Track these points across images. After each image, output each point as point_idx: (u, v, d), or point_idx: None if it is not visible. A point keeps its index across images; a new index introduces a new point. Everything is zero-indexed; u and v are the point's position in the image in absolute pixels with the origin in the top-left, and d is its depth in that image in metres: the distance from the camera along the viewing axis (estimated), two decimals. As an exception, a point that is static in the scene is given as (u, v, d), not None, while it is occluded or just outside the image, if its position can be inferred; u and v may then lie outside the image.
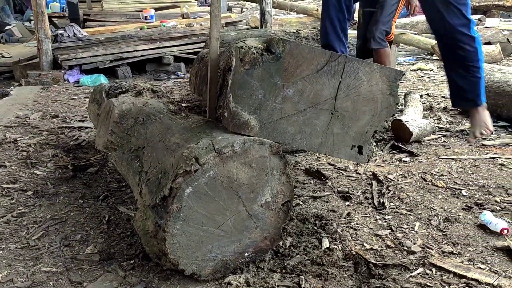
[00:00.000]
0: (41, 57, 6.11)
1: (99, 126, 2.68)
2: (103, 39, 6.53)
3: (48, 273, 1.90)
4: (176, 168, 1.71)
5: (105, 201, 2.57)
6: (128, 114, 2.40)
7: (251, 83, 1.81)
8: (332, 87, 1.90)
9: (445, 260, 1.91)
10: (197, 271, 1.79)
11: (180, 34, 6.94)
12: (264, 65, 1.80)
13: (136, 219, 1.82)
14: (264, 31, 5.27)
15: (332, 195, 2.56)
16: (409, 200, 2.49)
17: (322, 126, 1.95)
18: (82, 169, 3.01)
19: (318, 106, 1.91)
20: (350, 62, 1.88)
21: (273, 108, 1.87)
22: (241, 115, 1.84)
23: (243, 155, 1.77)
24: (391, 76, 1.95)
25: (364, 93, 1.94)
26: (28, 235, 2.21)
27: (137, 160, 2.12)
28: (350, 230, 2.20)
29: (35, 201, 2.57)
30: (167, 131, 2.12)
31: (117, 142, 2.33)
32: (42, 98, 5.13)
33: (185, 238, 1.72)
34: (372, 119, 1.99)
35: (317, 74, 1.87)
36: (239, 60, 1.82)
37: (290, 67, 1.83)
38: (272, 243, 1.95)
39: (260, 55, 1.80)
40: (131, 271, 1.90)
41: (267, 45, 1.85)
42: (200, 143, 1.76)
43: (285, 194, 1.93)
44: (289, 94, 1.87)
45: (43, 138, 3.65)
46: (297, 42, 1.82)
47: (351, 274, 1.87)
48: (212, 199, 1.75)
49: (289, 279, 1.83)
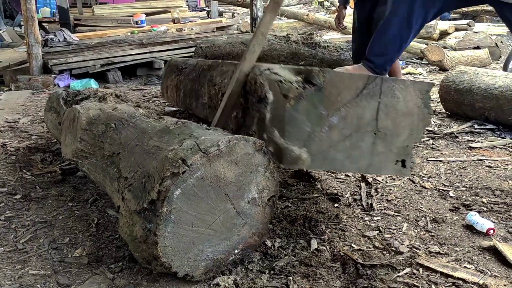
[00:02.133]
0: (31, 61, 6.10)
1: (63, 134, 2.64)
2: (93, 43, 6.53)
3: (36, 276, 1.89)
4: (162, 171, 1.70)
5: (94, 204, 2.57)
6: (98, 120, 2.37)
7: (298, 118, 1.82)
8: (372, 109, 1.93)
9: (432, 260, 1.93)
10: (190, 272, 1.79)
11: (171, 39, 6.96)
12: (308, 98, 1.81)
13: (121, 225, 1.81)
14: (255, 36, 5.30)
15: (321, 197, 2.57)
16: (397, 201, 2.51)
17: (367, 148, 1.97)
18: (71, 173, 3.00)
19: (362, 129, 1.93)
20: (386, 82, 1.92)
21: (320, 138, 1.87)
22: (292, 150, 1.85)
23: (228, 154, 1.78)
24: (423, 89, 2.00)
25: (401, 110, 1.98)
26: (16, 238, 2.20)
27: (113, 166, 2.10)
28: (339, 231, 2.21)
29: (24, 204, 2.56)
30: (143, 135, 2.09)
31: (87, 149, 2.31)
32: (32, 102, 5.12)
33: (177, 240, 1.73)
34: (411, 133, 2.03)
35: (358, 98, 1.88)
36: (282, 96, 1.82)
37: (332, 95, 1.84)
38: (260, 238, 1.96)
39: (303, 88, 1.81)
40: (119, 273, 1.90)
41: (305, 76, 1.85)
42: (184, 144, 1.76)
43: (270, 189, 1.94)
44: (334, 122, 1.88)
45: (32, 142, 3.64)
46: (335, 71, 1.83)
47: (339, 274, 1.88)
48: (201, 199, 1.75)
49: (277, 280, 1.84)
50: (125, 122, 2.31)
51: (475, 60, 6.57)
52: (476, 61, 6.55)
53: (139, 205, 1.73)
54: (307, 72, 1.86)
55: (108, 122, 2.34)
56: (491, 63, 6.79)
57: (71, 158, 2.43)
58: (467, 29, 8.58)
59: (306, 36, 5.13)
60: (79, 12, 10.61)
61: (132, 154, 2.02)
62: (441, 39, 8.29)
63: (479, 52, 6.83)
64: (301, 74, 1.88)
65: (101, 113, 2.45)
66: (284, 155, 1.85)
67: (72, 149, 2.40)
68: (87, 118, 2.41)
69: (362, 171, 2.01)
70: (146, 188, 1.74)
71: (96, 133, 2.33)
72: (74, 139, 2.42)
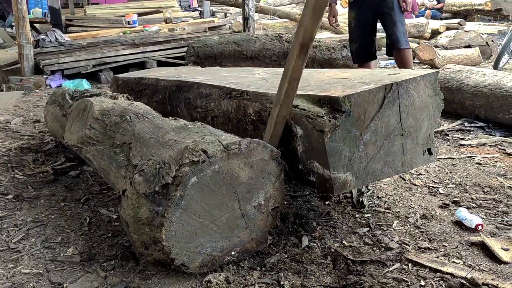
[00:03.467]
0: (23, 62, 6.08)
1: (69, 122, 2.73)
2: (85, 44, 6.52)
3: (28, 275, 1.90)
4: (181, 159, 1.76)
5: (87, 203, 2.58)
6: (111, 112, 2.45)
7: (337, 147, 1.87)
8: (395, 114, 2.00)
9: (421, 256, 1.96)
10: (186, 263, 1.81)
11: (163, 39, 6.96)
12: (341, 126, 1.86)
13: (125, 207, 1.84)
14: (247, 35, 5.32)
15: (312, 195, 2.59)
16: (388, 198, 2.53)
17: (399, 150, 2.05)
18: (64, 173, 3.00)
19: (391, 135, 2.01)
20: (401, 85, 1.99)
21: (359, 157, 1.94)
22: (338, 177, 1.91)
23: (247, 155, 1.85)
24: (431, 80, 2.09)
25: (418, 105, 2.07)
26: (8, 238, 2.20)
27: (122, 154, 2.16)
28: (329, 228, 2.23)
29: (16, 204, 2.56)
30: (158, 129, 2.16)
31: (96, 137, 2.38)
32: (24, 103, 5.11)
33: (182, 227, 1.75)
34: (430, 122, 2.13)
35: (381, 110, 1.95)
36: (318, 131, 1.86)
37: (360, 115, 1.90)
38: (258, 246, 1.99)
39: (334, 118, 1.85)
40: (111, 272, 1.91)
41: (330, 105, 1.90)
42: (206, 138, 1.84)
43: (276, 200, 1.99)
44: (367, 138, 1.95)
45: (24, 142, 3.63)
46: (357, 92, 1.88)
47: (330, 270, 1.90)
48: (213, 193, 1.79)
49: (268, 277, 1.86)
50: (140, 117, 2.38)
51: (466, 59, 6.63)
52: (467, 59, 6.61)
53: (149, 188, 1.76)
54: (332, 101, 1.90)
55: (123, 114, 2.41)
56: (482, 61, 6.84)
57: (76, 144, 2.50)
58: (458, 28, 8.65)
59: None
60: (70, 13, 10.58)
61: (145, 145, 2.07)
62: (433, 38, 8.35)
63: (470, 51, 6.88)
64: (324, 103, 1.93)
65: (115, 106, 2.53)
66: (333, 184, 1.91)
67: (79, 136, 2.46)
68: (100, 109, 2.50)
69: (399, 172, 2.12)
70: (160, 173, 1.78)
71: (109, 123, 2.39)
72: (82, 127, 2.49)
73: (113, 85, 3.95)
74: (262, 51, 4.91)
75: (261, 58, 4.90)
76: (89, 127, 2.44)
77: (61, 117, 3.07)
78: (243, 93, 2.34)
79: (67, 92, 3.28)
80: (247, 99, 2.29)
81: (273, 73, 2.87)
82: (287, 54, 4.96)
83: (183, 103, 2.90)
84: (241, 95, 2.34)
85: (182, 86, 2.97)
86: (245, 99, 2.31)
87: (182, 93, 2.92)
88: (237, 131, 2.35)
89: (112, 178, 2.20)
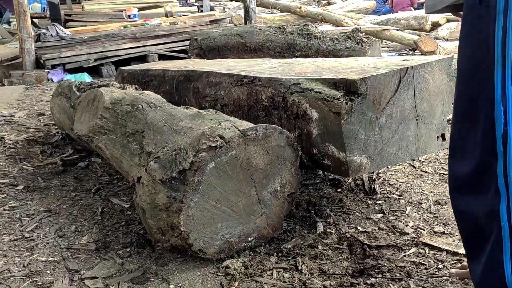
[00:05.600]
0: (24, 56, 6.06)
1: (78, 113, 2.73)
2: (86, 38, 6.50)
3: (44, 263, 1.90)
4: (198, 144, 1.76)
5: (98, 193, 2.57)
6: (122, 101, 2.44)
7: (353, 130, 1.87)
8: (410, 98, 2.00)
9: (437, 240, 1.96)
10: (204, 248, 1.81)
11: (164, 32, 6.95)
12: (358, 108, 1.86)
13: (141, 194, 1.83)
14: (250, 27, 5.30)
15: (323, 183, 2.59)
16: (400, 185, 2.54)
17: (413, 134, 2.06)
18: (72, 164, 3.00)
19: (406, 120, 2.01)
20: (416, 70, 1.99)
21: (375, 140, 1.94)
22: (354, 160, 1.90)
23: (263, 141, 1.85)
24: (446, 65, 2.09)
25: (433, 90, 2.07)
26: (21, 227, 2.20)
27: (135, 143, 2.15)
28: (343, 214, 2.23)
29: (27, 195, 2.55)
30: (172, 117, 2.15)
31: (107, 126, 2.38)
32: (27, 97, 5.09)
33: (199, 212, 1.76)
34: (444, 107, 2.14)
35: (397, 94, 1.95)
36: (334, 114, 1.86)
37: (376, 98, 1.90)
38: (274, 232, 1.99)
39: (351, 101, 1.85)
40: (128, 259, 1.91)
41: (346, 88, 1.90)
42: (223, 124, 1.84)
43: (292, 186, 1.99)
44: (383, 121, 1.94)
45: (30, 135, 3.62)
46: (373, 75, 1.88)
47: (347, 255, 1.90)
48: (230, 178, 1.79)
49: (285, 262, 1.86)
50: (152, 106, 2.38)
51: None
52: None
53: (166, 174, 1.76)
54: (347, 83, 1.90)
55: (135, 103, 2.41)
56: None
57: (86, 133, 2.50)
58: (459, 20, 8.63)
59: (302, 27, 5.14)
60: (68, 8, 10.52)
61: (158, 133, 2.07)
62: (433, 30, 8.34)
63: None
64: (340, 86, 1.93)
65: (126, 95, 2.53)
66: (349, 167, 1.90)
67: (90, 125, 2.47)
68: (111, 98, 2.50)
69: (413, 157, 2.13)
70: (177, 159, 1.78)
71: (120, 112, 2.39)
72: (93, 116, 2.49)
73: (118, 77, 3.94)
74: (266, 43, 4.89)
75: (265, 50, 4.88)
76: (100, 116, 2.43)
77: (68, 109, 3.06)
78: (255, 80, 2.33)
79: (74, 84, 3.27)
80: (260, 85, 2.28)
81: (283, 62, 2.86)
82: (291, 45, 4.95)
83: (192, 93, 2.89)
84: (253, 82, 2.33)
85: (190, 76, 2.96)
86: (257, 85, 2.30)
87: (191, 83, 2.91)
88: (248, 119, 2.34)
89: (125, 167, 2.19)
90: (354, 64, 2.30)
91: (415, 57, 2.41)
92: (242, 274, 1.77)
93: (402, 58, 2.25)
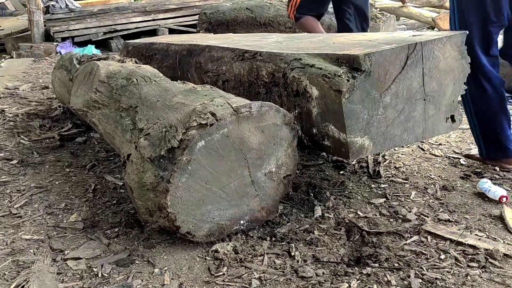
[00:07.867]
0: (32, 29, 5.99)
1: (75, 86, 2.64)
2: (96, 10, 6.39)
3: (29, 241, 1.83)
4: (188, 122, 1.66)
5: (92, 170, 2.50)
6: (118, 75, 2.36)
7: (355, 109, 1.75)
8: (418, 76, 1.88)
9: (441, 228, 1.84)
10: (192, 231, 1.72)
11: (175, 6, 6.80)
12: (360, 86, 1.73)
13: (129, 172, 1.75)
14: (261, 1, 5.14)
15: (326, 164, 2.48)
16: (406, 169, 2.41)
17: (420, 115, 1.93)
18: (70, 139, 2.93)
19: (412, 99, 1.89)
20: (426, 46, 1.86)
21: (378, 120, 1.82)
22: (355, 142, 1.79)
23: (258, 119, 1.74)
24: (458, 41, 1.95)
25: (443, 68, 1.94)
26: (10, 203, 2.14)
27: (128, 118, 2.07)
28: (344, 198, 2.12)
29: (20, 170, 2.49)
30: (166, 92, 2.05)
31: (102, 100, 2.30)
32: (33, 70, 5.03)
33: (188, 193, 1.67)
34: (454, 87, 2.01)
35: (404, 71, 1.83)
36: (335, 91, 1.73)
37: (381, 76, 1.78)
38: (268, 215, 1.89)
39: (353, 78, 1.72)
40: (115, 239, 1.83)
41: (349, 64, 1.77)
42: (215, 100, 1.73)
43: (288, 167, 1.89)
44: (387, 101, 1.82)
45: (32, 108, 3.56)
46: (378, 50, 1.75)
47: (344, 242, 1.80)
48: (221, 158, 1.70)
49: (278, 247, 1.76)
50: (147, 80, 2.28)
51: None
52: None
53: (155, 152, 1.67)
54: (350, 59, 1.77)
55: (130, 77, 2.32)
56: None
57: (81, 108, 2.42)
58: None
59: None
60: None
61: (151, 109, 1.98)
62: (453, 8, 8.04)
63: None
64: (343, 62, 1.80)
65: (122, 69, 2.45)
66: (349, 149, 1.79)
67: (85, 99, 2.39)
68: (107, 71, 2.42)
69: (419, 139, 2.00)
70: (166, 137, 1.68)
71: (115, 86, 2.31)
72: (88, 90, 2.41)
73: (123, 51, 3.85)
74: (276, 18, 4.73)
75: (275, 25, 4.73)
76: (95, 90, 2.34)
77: (68, 82, 2.99)
78: (256, 54, 2.21)
79: (75, 57, 3.19)
80: (260, 60, 2.16)
81: (288, 37, 2.72)
82: (302, 21, 4.78)
83: (194, 68, 2.78)
84: (253, 57, 2.21)
85: (193, 50, 2.84)
86: (258, 60, 2.18)
87: (193, 58, 2.80)
88: (248, 96, 2.23)
89: (117, 143, 2.11)
90: (361, 39, 2.16)
91: (426, 32, 2.25)
92: (231, 259, 1.69)
93: (411, 34, 2.10)
